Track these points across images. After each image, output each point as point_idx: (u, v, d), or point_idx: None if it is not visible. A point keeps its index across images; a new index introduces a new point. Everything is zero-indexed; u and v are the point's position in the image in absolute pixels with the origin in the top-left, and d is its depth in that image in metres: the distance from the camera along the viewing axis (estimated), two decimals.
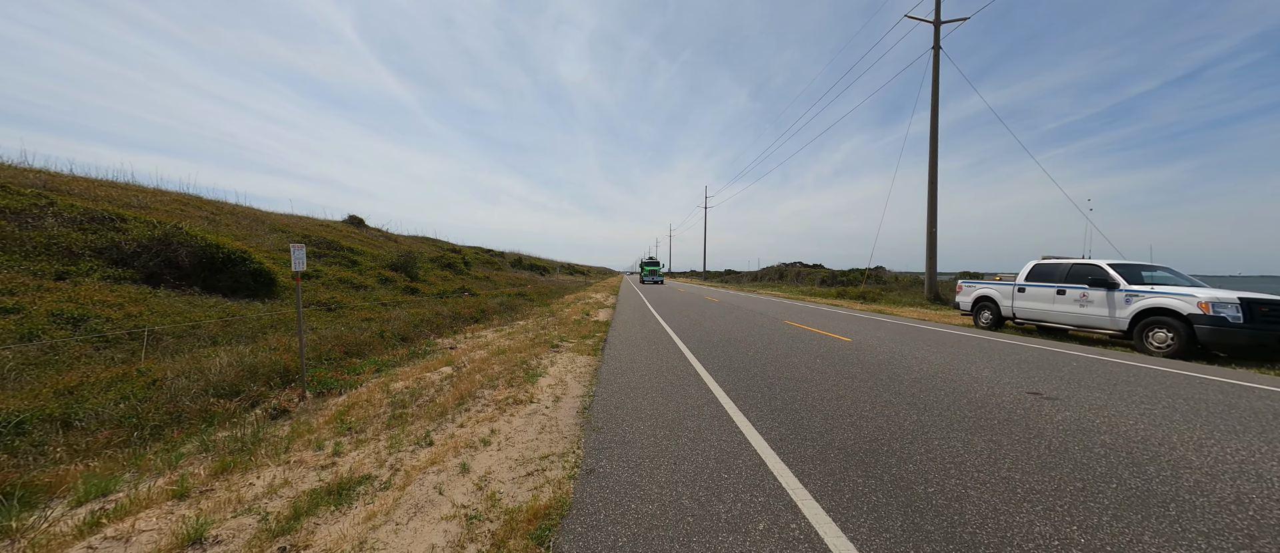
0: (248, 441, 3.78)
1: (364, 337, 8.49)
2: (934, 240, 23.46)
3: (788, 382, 5.76)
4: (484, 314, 13.31)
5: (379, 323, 10.38)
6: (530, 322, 12.46)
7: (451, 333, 10.52)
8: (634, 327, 11.48)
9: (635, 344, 8.78)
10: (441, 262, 26.75)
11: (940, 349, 8.20)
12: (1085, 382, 5.74)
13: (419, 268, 21.21)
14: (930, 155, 23.40)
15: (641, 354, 7.71)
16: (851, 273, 42.37)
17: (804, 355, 7.54)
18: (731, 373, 6.32)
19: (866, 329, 11.07)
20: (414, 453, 3.56)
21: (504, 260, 45.21)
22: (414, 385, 5.52)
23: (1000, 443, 3.66)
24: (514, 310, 15.28)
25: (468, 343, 9.00)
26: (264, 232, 18.95)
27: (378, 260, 19.99)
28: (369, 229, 31.20)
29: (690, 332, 10.43)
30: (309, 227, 22.94)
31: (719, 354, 7.68)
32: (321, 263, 17.11)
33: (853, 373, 6.29)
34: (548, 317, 13.38)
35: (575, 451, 3.59)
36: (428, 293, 17.82)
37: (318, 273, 15.11)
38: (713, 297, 25.30)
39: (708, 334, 10.02)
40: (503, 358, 7.09)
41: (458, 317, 12.01)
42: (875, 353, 7.81)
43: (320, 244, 19.31)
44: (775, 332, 10.46)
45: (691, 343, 8.85)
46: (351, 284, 15.40)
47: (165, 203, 16.97)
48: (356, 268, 18.07)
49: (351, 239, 24.17)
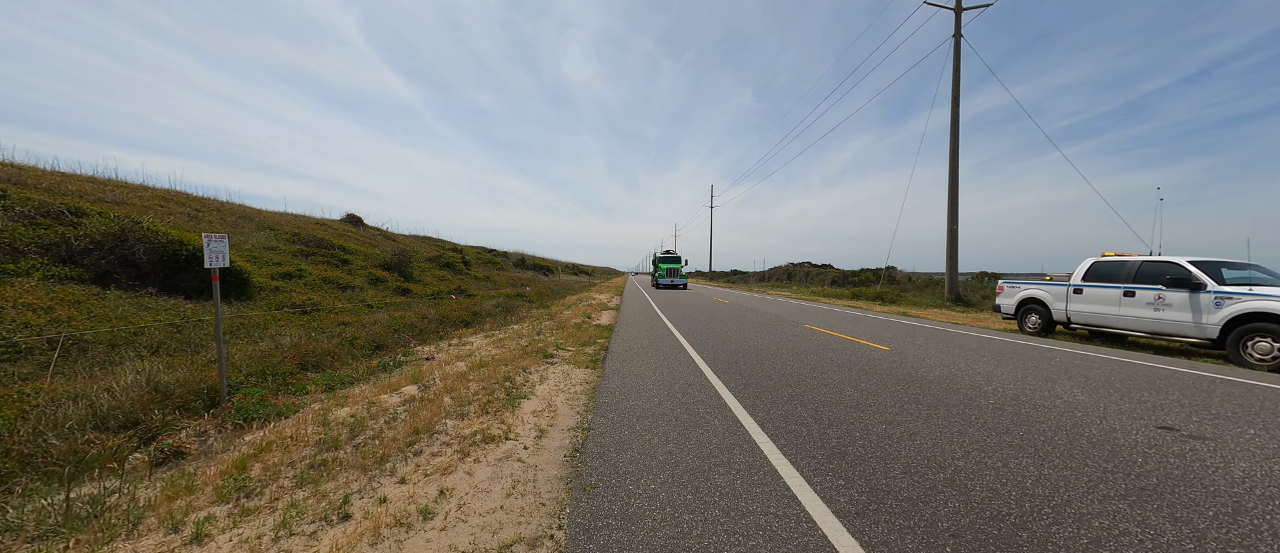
0: (86, 510, 2.60)
1: (329, 345, 7.34)
2: (955, 238, 22.14)
3: (835, 408, 4.52)
4: (476, 317, 12.16)
5: (356, 327, 9.25)
6: (525, 326, 11.29)
7: (436, 339, 9.37)
8: (639, 332, 10.27)
9: (641, 354, 7.57)
10: (440, 261, 25.67)
11: (1001, 362, 6.93)
12: (1217, 410, 4.47)
13: (414, 268, 20.12)
14: (951, 149, 22.08)
15: (649, 368, 6.50)
16: (863, 273, 40.96)
17: (843, 370, 6.30)
18: (762, 395, 5.10)
19: (900, 335, 9.80)
20: (313, 539, 2.37)
21: (507, 260, 44.16)
22: (362, 413, 4.33)
23: (1192, 523, 2.43)
24: (510, 313, 14.12)
25: (449, 352, 7.83)
26: (251, 229, 17.93)
27: (370, 260, 18.91)
28: (367, 228, 30.20)
29: (703, 339, 9.22)
30: (301, 224, 21.92)
31: (741, 368, 6.46)
32: (309, 262, 16.04)
33: (914, 397, 5.04)
34: (545, 320, 12.20)
35: (554, 532, 2.40)
36: (421, 294, 16.71)
37: (301, 273, 14.02)
38: (722, 298, 24.06)
39: (724, 342, 8.80)
40: (484, 373, 5.90)
41: (445, 320, 10.86)
42: (926, 367, 6.55)
43: (310, 242, 18.25)
44: (800, 339, 9.21)
45: (707, 353, 7.63)
46: (337, 285, 14.31)
47: (145, 199, 15.96)
48: (346, 268, 17.00)
49: (346, 238, 23.14)
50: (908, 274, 39.33)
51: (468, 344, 8.77)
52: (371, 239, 25.93)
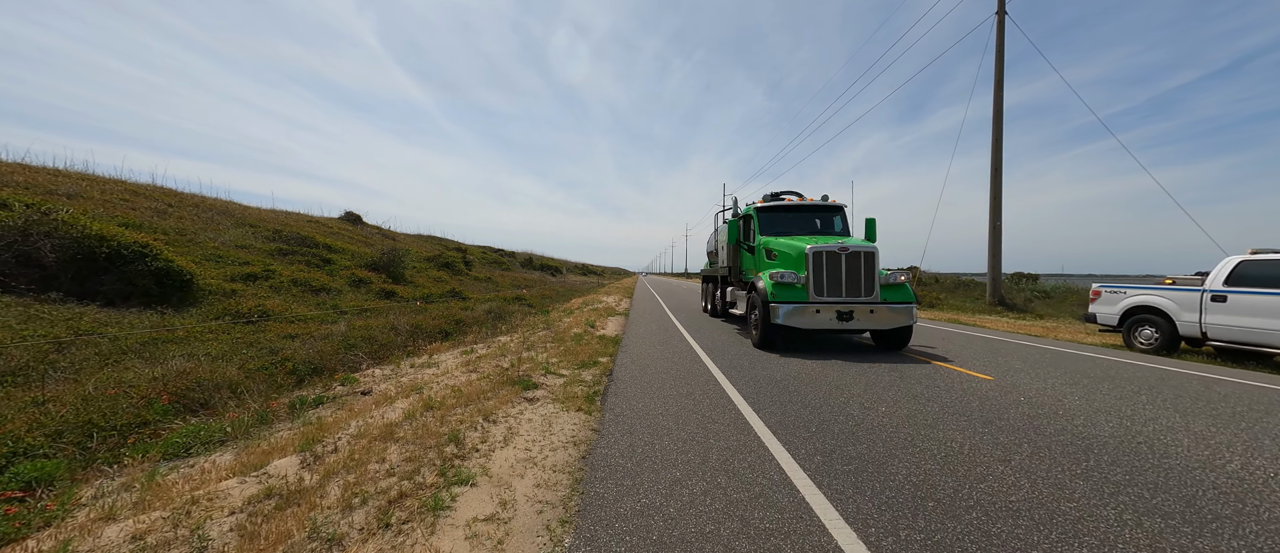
0: None
1: (237, 373, 5.47)
2: (998, 235, 19.87)
3: (991, 513, 2.50)
4: (460, 326, 10.29)
5: (303, 341, 7.42)
6: (515, 338, 9.38)
7: (398, 357, 7.49)
8: (651, 348, 8.29)
9: (654, 381, 5.59)
10: (438, 261, 23.96)
11: (1155, 399, 4.84)
12: None
13: (407, 268, 18.38)
14: (994, 137, 19.80)
15: (666, 407, 4.53)
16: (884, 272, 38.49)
17: (955, 421, 4.25)
18: (849, 469, 3.07)
19: (982, 353, 7.71)
20: None
21: (513, 260, 42.49)
22: (147, 536, 2.42)
23: None
24: (502, 320, 12.24)
25: (402, 379, 5.93)
26: (228, 225, 16.30)
27: (357, 259, 17.19)
28: (365, 226, 28.66)
29: (730, 355, 7.22)
30: (291, 222, 20.32)
31: (797, 411, 4.44)
32: (285, 261, 14.34)
33: (1109, 490, 3.00)
34: (541, 330, 10.29)
35: None
36: (408, 297, 14.91)
37: (269, 274, 12.29)
38: None
39: (756, 360, 6.80)
40: (424, 424, 3.97)
41: (419, 332, 8.98)
42: (1067, 414, 4.48)
43: (292, 240, 16.59)
44: (863, 361, 7.17)
45: (743, 383, 5.62)
46: (310, 287, 12.55)
47: (111, 192, 14.38)
48: (328, 268, 15.28)
49: (339, 236, 21.52)
50: (934, 275, 36.85)
51: (434, 365, 6.86)
52: (367, 238, 24.31)
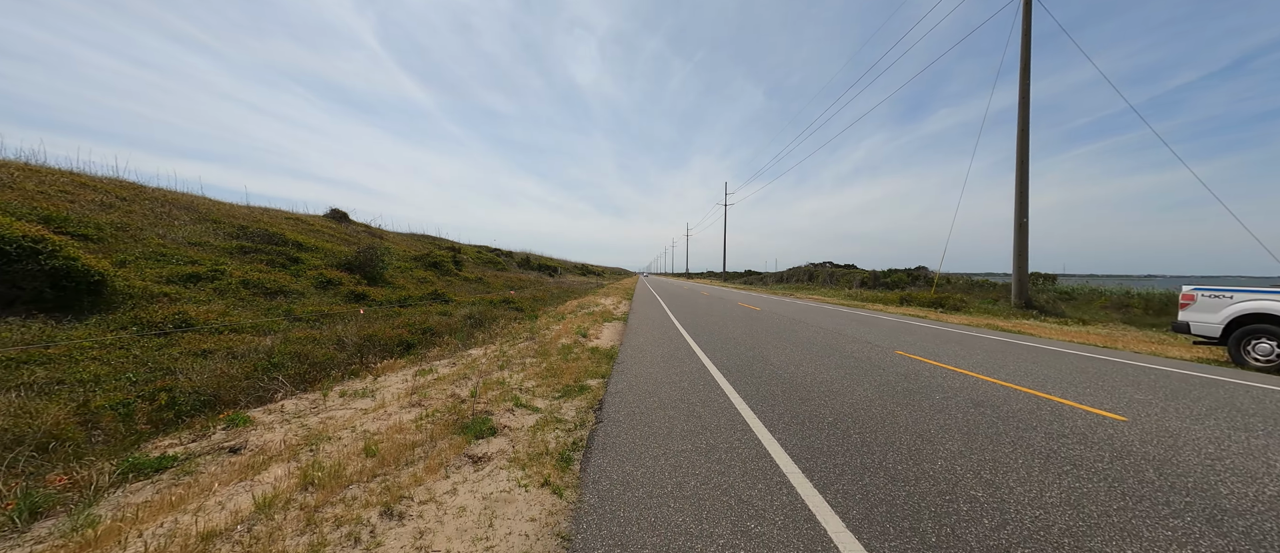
0: None
1: (63, 414, 3.86)
2: (1025, 233, 18.30)
3: None
4: (428, 336, 8.67)
5: (220, 359, 5.83)
6: (490, 351, 7.78)
7: (336, 380, 5.88)
8: (653, 363, 6.69)
9: (659, 426, 3.98)
10: (426, 261, 22.35)
11: None
12: None
13: (387, 268, 16.77)
14: (1020, 127, 18.21)
15: (681, 478, 2.91)
16: (895, 273, 36.97)
17: (1119, 496, 2.65)
18: None
19: (1074, 378, 6.10)
20: None
21: (510, 261, 40.89)
22: None
23: None
24: (483, 326, 10.63)
25: (305, 422, 4.31)
26: (187, 221, 14.68)
27: (330, 259, 15.59)
28: (352, 224, 27.06)
29: (755, 379, 5.62)
30: (262, 218, 18.71)
31: (864, 471, 2.84)
32: (243, 260, 12.75)
33: None
34: (523, 340, 8.69)
35: None
36: (381, 300, 13.30)
37: (217, 274, 10.69)
38: (751, 303, 20.36)
39: (794, 389, 5.19)
40: (272, 529, 2.37)
41: (371, 344, 7.36)
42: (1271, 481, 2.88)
43: (258, 238, 14.98)
44: (925, 388, 5.56)
45: (773, 417, 4.01)
46: (264, 290, 10.94)
47: (50, 185, 12.77)
48: (294, 268, 13.68)
49: (318, 234, 19.91)
50: (946, 275, 35.29)
51: (371, 393, 5.24)
52: (350, 237, 22.70)
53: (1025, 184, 18.41)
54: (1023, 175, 18.37)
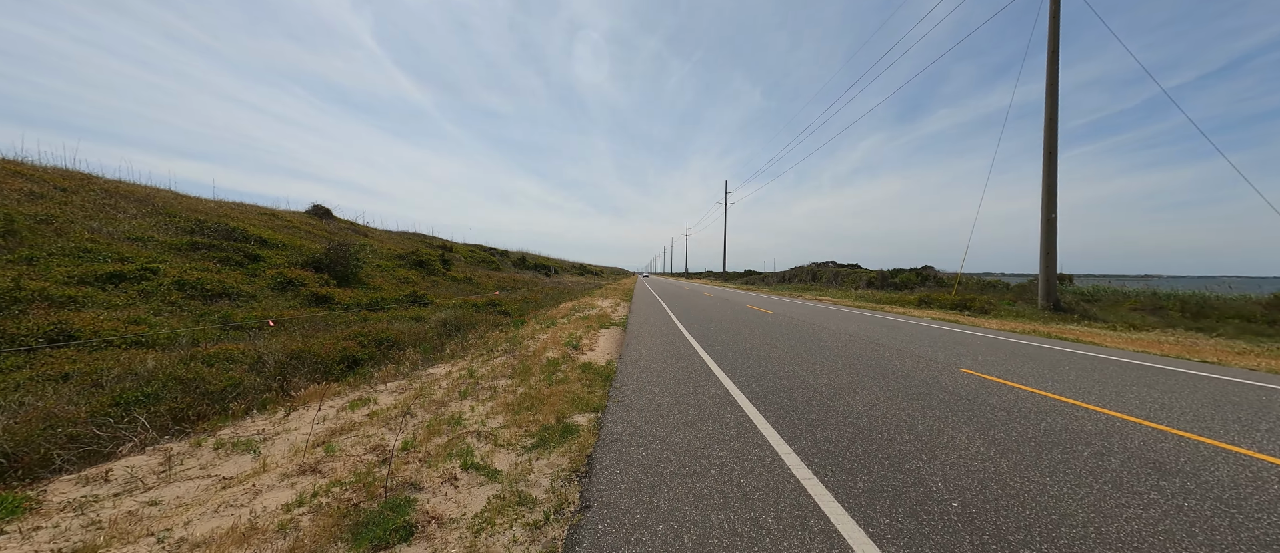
0: None
1: None
2: (1053, 229, 16.80)
3: None
4: (384, 349, 7.09)
5: (81, 386, 4.28)
6: (457, 368, 6.22)
7: (224, 420, 4.28)
8: (661, 390, 5.13)
9: (687, 513, 2.45)
10: (411, 260, 20.75)
11: None
12: None
13: (362, 267, 15.17)
14: (1047, 116, 16.72)
15: None
16: (903, 273, 35.47)
17: None
18: None
19: (1237, 410, 4.58)
20: None
21: (505, 260, 39.30)
22: None
23: None
24: (459, 333, 9.06)
25: (97, 516, 2.74)
26: (136, 214, 13.07)
27: (296, 256, 13.98)
28: (335, 221, 25.44)
29: (802, 415, 4.08)
30: (231, 213, 17.06)
31: None
32: (188, 258, 11.15)
33: None
34: (502, 351, 7.13)
35: None
36: (352, 302, 11.71)
37: (148, 273, 9.10)
38: (759, 304, 18.81)
39: (858, 430, 3.65)
40: None
41: (302, 362, 5.76)
42: None
43: (215, 233, 13.36)
44: (1040, 430, 4.02)
45: (856, 492, 2.48)
46: (204, 292, 9.34)
47: None
48: (252, 267, 12.07)
49: (290, 231, 18.28)
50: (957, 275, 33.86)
51: (259, 448, 3.67)
52: (332, 234, 21.10)
53: (1053, 177, 16.93)
54: (1051, 168, 16.89)
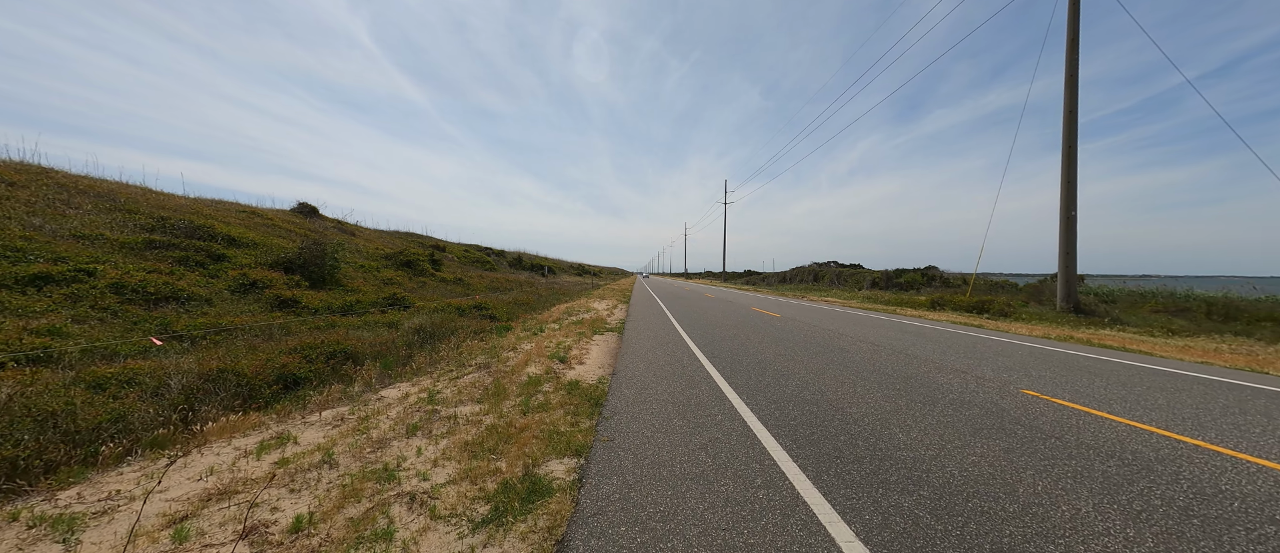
0: None
1: None
2: (1073, 227, 15.79)
3: None
4: (338, 363, 6.02)
5: None
6: (418, 389, 5.16)
7: (72, 475, 3.20)
8: (662, 422, 4.07)
9: None
10: (398, 260, 19.67)
11: None
12: None
13: (340, 267, 14.09)
14: (1066, 108, 15.69)
15: None
16: (907, 274, 34.45)
17: None
18: None
19: None
20: None
21: (500, 260, 38.21)
22: None
23: None
24: (433, 342, 7.98)
25: None
26: (89, 210, 11.95)
27: (266, 256, 12.90)
28: (322, 219, 24.33)
29: (844, 461, 3.04)
30: (205, 210, 15.96)
31: None
32: (138, 258, 10.08)
33: None
34: (476, 365, 6.07)
35: None
36: (318, 306, 10.63)
37: (82, 275, 8.03)
38: (765, 308, 17.77)
39: (914, 478, 2.59)
40: None
41: (221, 385, 4.68)
42: None
43: (178, 231, 12.27)
44: (1144, 478, 2.98)
45: None
46: (146, 296, 8.27)
47: None
48: (212, 267, 10.98)
49: (268, 230, 17.18)
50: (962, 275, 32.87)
51: (90, 526, 2.62)
52: (317, 233, 20.01)
53: (1073, 172, 15.92)
54: (1070, 163, 15.89)
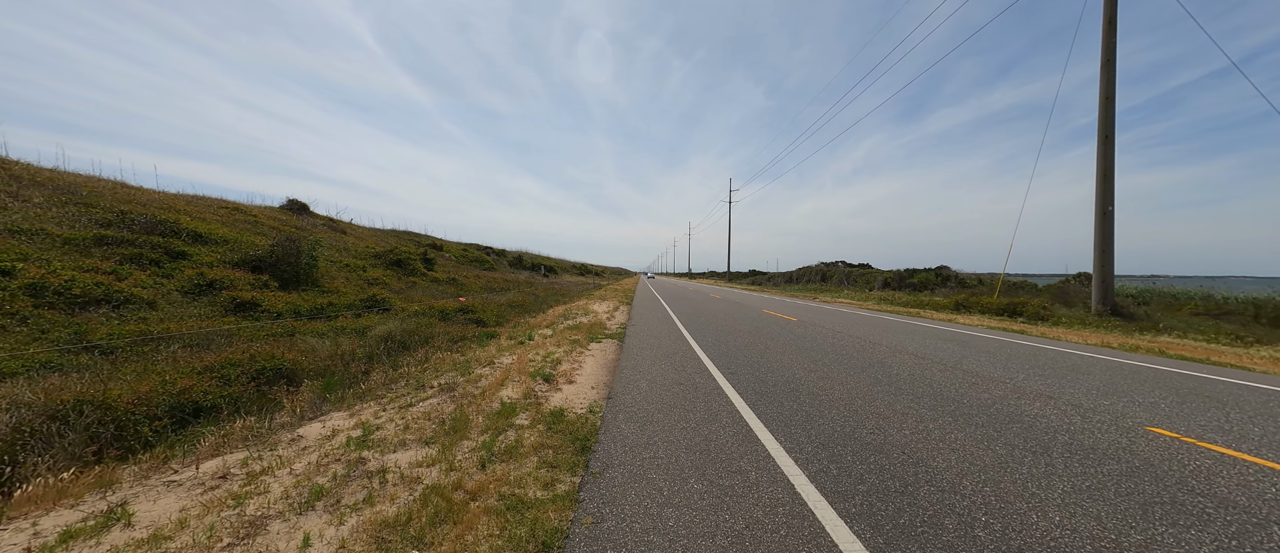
0: None
1: None
2: (1110, 223, 14.47)
3: None
4: (271, 384, 4.87)
5: None
6: (359, 420, 3.98)
7: None
8: (673, 483, 2.90)
9: None
10: (387, 259, 18.56)
11: None
12: None
13: (316, 265, 12.95)
14: (1102, 94, 14.36)
15: None
16: (920, 274, 33.08)
17: None
18: None
19: None
20: None
21: (500, 260, 37.11)
22: None
23: None
24: (404, 353, 6.81)
25: None
26: (39, 203, 10.84)
27: (232, 254, 11.78)
28: (313, 217, 23.24)
29: None
30: (180, 205, 14.89)
31: None
32: (87, 254, 8.96)
33: None
34: (436, 389, 4.88)
35: None
36: (282, 309, 9.49)
37: None
38: (778, 310, 16.51)
39: None
40: None
41: (72, 421, 3.54)
42: None
43: (138, 226, 11.16)
44: None
45: None
46: (72, 299, 7.16)
47: None
48: (168, 266, 9.85)
49: (248, 227, 16.07)
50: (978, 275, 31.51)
51: None
52: (304, 229, 18.93)
53: (1110, 163, 14.61)
54: (1107, 153, 14.59)
